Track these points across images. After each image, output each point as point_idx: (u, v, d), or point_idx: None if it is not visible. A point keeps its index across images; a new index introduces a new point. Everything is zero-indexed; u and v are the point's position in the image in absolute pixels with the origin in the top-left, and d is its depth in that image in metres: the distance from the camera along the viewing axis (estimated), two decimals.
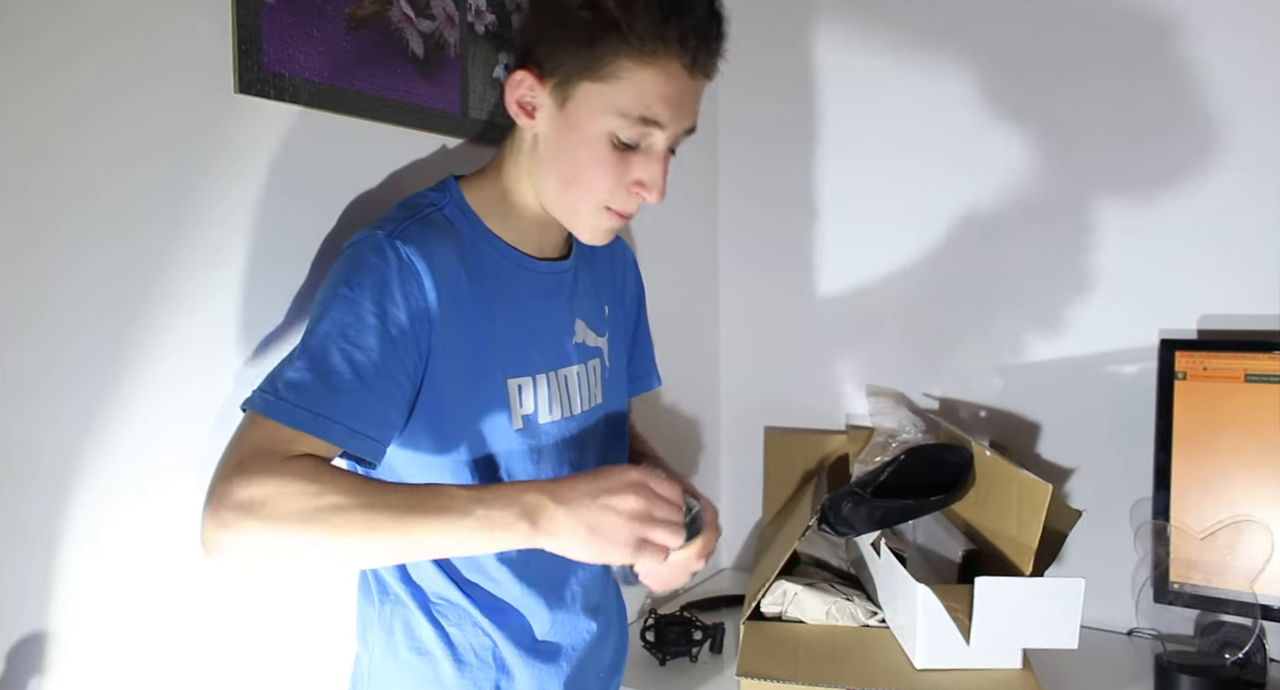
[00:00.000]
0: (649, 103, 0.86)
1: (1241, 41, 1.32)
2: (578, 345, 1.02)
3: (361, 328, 0.82)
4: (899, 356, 1.61)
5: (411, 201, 0.94)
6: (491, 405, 0.92)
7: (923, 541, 1.41)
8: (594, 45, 0.84)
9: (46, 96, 0.77)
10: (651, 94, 0.86)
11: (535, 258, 0.98)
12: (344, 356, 0.81)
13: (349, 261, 0.86)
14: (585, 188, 0.90)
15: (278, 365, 0.83)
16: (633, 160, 0.89)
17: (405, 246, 0.85)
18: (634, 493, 0.79)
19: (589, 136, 0.88)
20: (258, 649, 0.96)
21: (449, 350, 0.88)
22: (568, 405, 0.99)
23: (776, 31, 1.67)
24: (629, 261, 1.17)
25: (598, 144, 0.88)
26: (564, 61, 0.86)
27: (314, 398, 0.79)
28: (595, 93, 0.86)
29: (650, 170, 0.90)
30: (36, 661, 0.78)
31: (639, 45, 0.84)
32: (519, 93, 0.90)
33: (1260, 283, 1.33)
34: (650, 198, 0.91)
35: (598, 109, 0.86)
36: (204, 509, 0.74)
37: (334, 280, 0.85)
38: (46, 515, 0.79)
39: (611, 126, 0.87)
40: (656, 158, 0.90)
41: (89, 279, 0.81)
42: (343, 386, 0.80)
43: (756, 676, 1.12)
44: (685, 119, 0.89)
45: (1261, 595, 1.21)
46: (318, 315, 0.83)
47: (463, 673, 0.95)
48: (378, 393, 0.82)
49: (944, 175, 1.55)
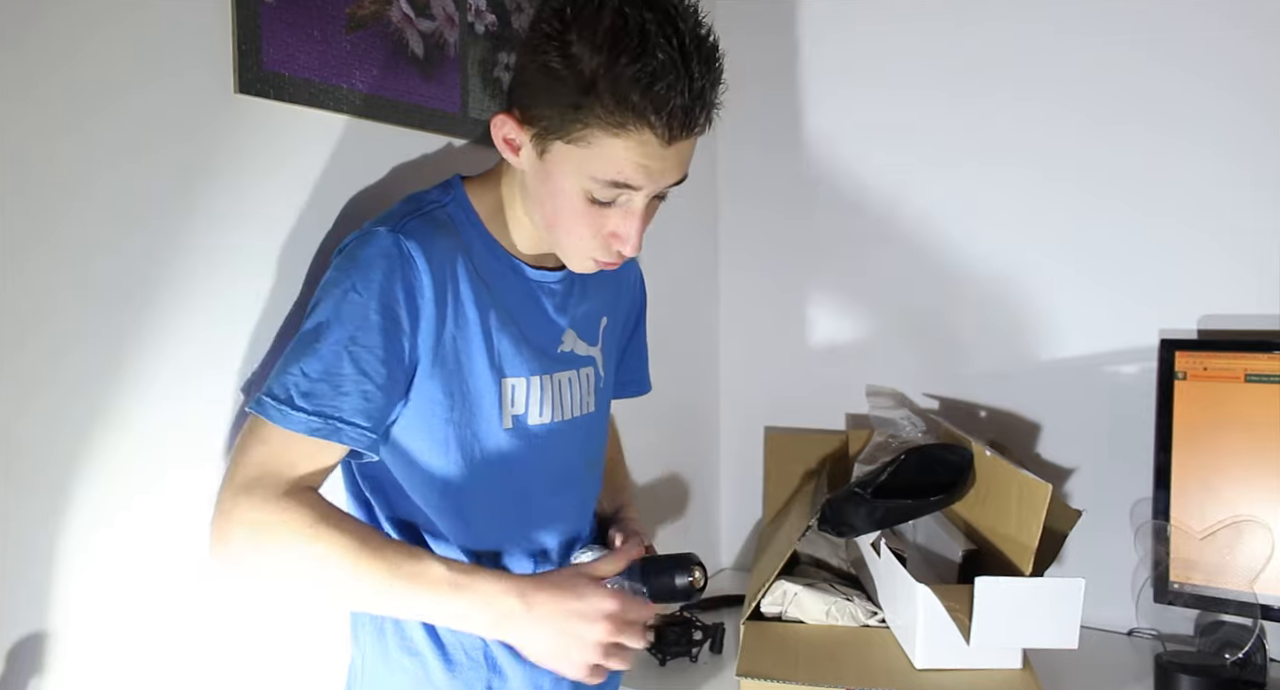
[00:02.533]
0: (620, 168, 0.83)
1: (1241, 40, 1.32)
2: (566, 354, 1.02)
3: (368, 328, 0.83)
4: (899, 356, 1.61)
5: (417, 197, 0.94)
6: (482, 403, 0.93)
7: (923, 541, 1.41)
8: (567, 107, 0.81)
9: (47, 96, 0.77)
10: (623, 161, 0.83)
11: (532, 265, 0.98)
12: (352, 359, 0.83)
13: (353, 259, 0.86)
14: (565, 233, 0.90)
15: (284, 365, 0.83)
16: (609, 214, 0.88)
17: (407, 241, 0.86)
18: (605, 623, 0.86)
19: (564, 190, 0.86)
20: (256, 649, 0.96)
21: (444, 346, 0.89)
22: (559, 409, 1.00)
23: (777, 28, 1.67)
24: (634, 275, 1.18)
25: (573, 198, 0.86)
26: (542, 116, 0.84)
27: (325, 403, 0.81)
28: (567, 153, 0.84)
29: (626, 226, 0.88)
30: (36, 661, 0.78)
31: (609, 116, 0.80)
32: (503, 132, 0.89)
33: (1260, 283, 1.33)
34: (626, 251, 0.89)
35: (570, 170, 0.85)
36: (214, 515, 0.82)
37: (339, 278, 0.85)
38: (46, 515, 0.79)
39: (585, 186, 0.85)
40: (633, 214, 0.87)
41: (89, 279, 0.81)
42: (352, 389, 0.82)
43: (756, 676, 1.11)
44: (666, 179, 0.86)
45: (1261, 595, 1.21)
46: (326, 316, 0.84)
47: (454, 673, 0.95)
48: (383, 389, 0.84)
49: (944, 175, 1.55)
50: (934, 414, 1.56)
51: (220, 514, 0.81)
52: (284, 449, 0.81)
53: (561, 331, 1.01)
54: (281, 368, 0.84)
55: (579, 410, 1.03)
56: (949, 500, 1.26)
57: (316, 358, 0.82)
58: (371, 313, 0.83)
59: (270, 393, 0.82)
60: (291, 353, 0.84)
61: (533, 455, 0.97)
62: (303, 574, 0.82)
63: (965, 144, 1.52)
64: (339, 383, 0.82)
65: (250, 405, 0.83)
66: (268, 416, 0.81)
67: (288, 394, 0.81)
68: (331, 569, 0.80)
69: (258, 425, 0.82)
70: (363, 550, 0.80)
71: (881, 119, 1.60)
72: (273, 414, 0.81)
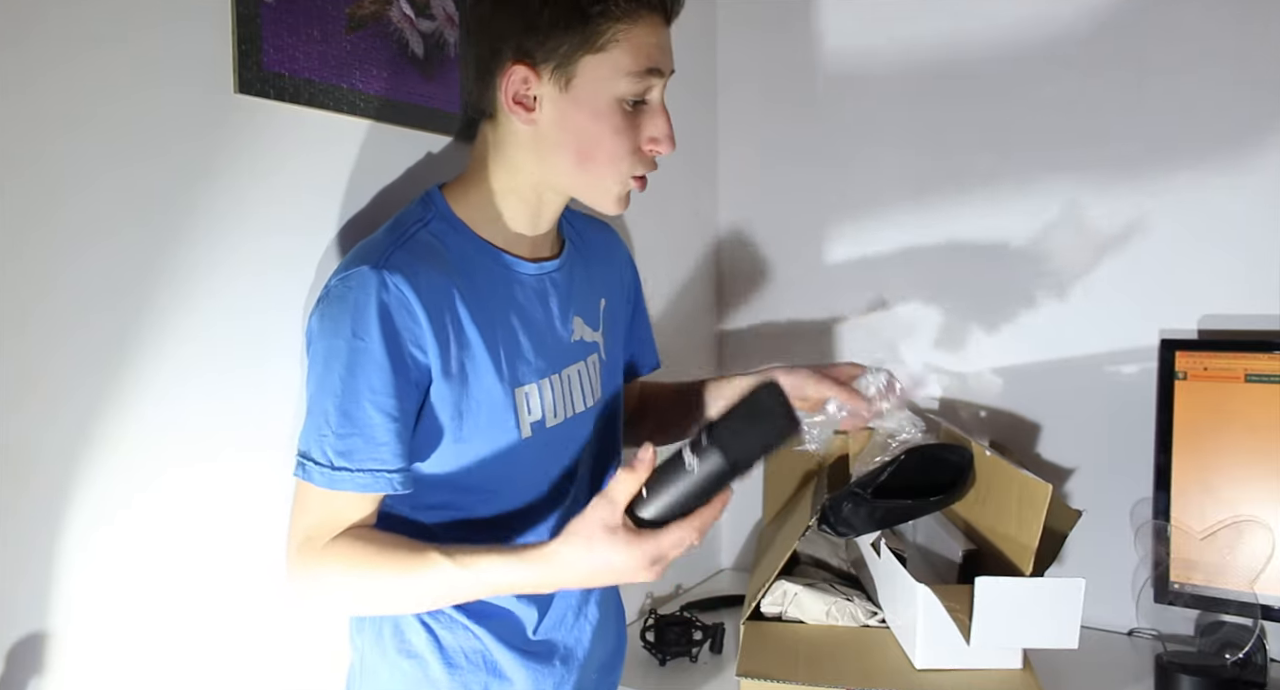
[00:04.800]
0: (649, 53, 0.90)
1: (1241, 41, 1.32)
2: (577, 343, 1.02)
3: (380, 373, 0.84)
4: (899, 356, 1.61)
5: (397, 222, 0.93)
6: (498, 418, 0.92)
7: (923, 541, 1.41)
8: (586, 21, 0.87)
9: (47, 96, 0.77)
10: (648, 46, 0.89)
11: (527, 259, 0.98)
12: (375, 406, 0.85)
13: (345, 303, 0.85)
14: (607, 160, 0.92)
15: (314, 425, 0.86)
16: (641, 121, 0.92)
17: (392, 277, 0.85)
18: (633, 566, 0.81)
19: (601, 109, 0.90)
20: (256, 649, 0.96)
21: (450, 370, 0.89)
22: (570, 406, 1.00)
23: (776, 25, 1.67)
24: (624, 253, 1.18)
25: (611, 114, 0.90)
26: (560, 44, 0.87)
27: (366, 457, 0.85)
28: (598, 63, 0.88)
29: (659, 125, 0.93)
30: (36, 661, 0.78)
31: (622, 9, 0.87)
32: (515, 89, 0.89)
33: (1260, 283, 1.33)
34: (664, 149, 0.94)
35: (605, 78, 0.89)
36: (286, 562, 0.89)
37: (337, 326, 0.85)
38: (46, 515, 0.79)
39: (620, 90, 0.89)
40: (659, 110, 0.93)
41: (89, 278, 0.81)
42: (383, 437, 0.85)
43: (756, 676, 1.11)
44: (671, 62, 0.94)
45: (1262, 595, 1.21)
46: (337, 368, 0.84)
47: (453, 675, 0.95)
48: (407, 427, 0.87)
49: (944, 175, 1.55)
50: (934, 414, 1.56)
51: (288, 565, 0.89)
52: (330, 505, 0.86)
53: (570, 320, 1.01)
54: (312, 426, 0.86)
55: (588, 401, 1.03)
56: (948, 501, 1.26)
57: (342, 414, 0.84)
58: (379, 355, 0.84)
59: (310, 457, 0.85)
60: (315, 411, 0.86)
61: (547, 455, 0.97)
62: (359, 606, 0.94)
63: (965, 144, 1.52)
64: (372, 433, 0.84)
65: (296, 472, 0.86)
66: (316, 483, 0.85)
67: (327, 458, 0.84)
68: (377, 599, 0.89)
69: (306, 487, 0.87)
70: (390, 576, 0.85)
71: (885, 118, 1.60)
72: (319, 480, 0.85)
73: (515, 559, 0.83)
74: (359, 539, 0.87)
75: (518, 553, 0.83)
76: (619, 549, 0.80)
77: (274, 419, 0.96)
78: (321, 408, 0.85)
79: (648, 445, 0.82)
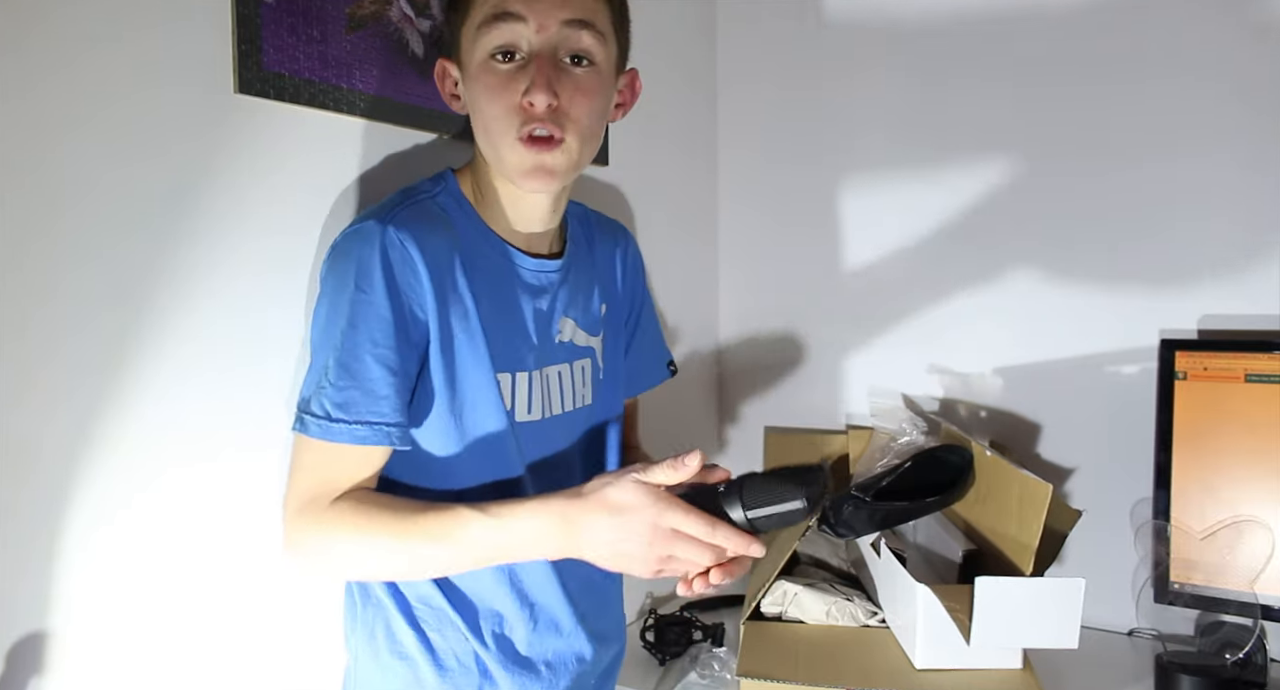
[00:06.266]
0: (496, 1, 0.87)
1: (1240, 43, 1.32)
2: (563, 344, 1.01)
3: (383, 325, 0.84)
4: (899, 356, 1.61)
5: (408, 190, 0.94)
6: (481, 395, 0.92)
7: (923, 541, 1.41)
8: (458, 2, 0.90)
9: (47, 96, 0.77)
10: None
11: (526, 253, 0.97)
12: (376, 360, 0.84)
13: (349, 256, 0.86)
14: (492, 124, 0.89)
15: (313, 377, 0.85)
16: (518, 77, 0.88)
17: (399, 232, 0.86)
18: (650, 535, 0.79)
19: (477, 75, 0.90)
20: (255, 649, 0.96)
21: (444, 338, 0.89)
22: (547, 406, 0.99)
23: (777, 22, 1.68)
24: (631, 254, 1.15)
25: (484, 74, 0.89)
26: (453, 29, 0.93)
27: (365, 410, 0.83)
28: (466, 29, 0.90)
29: (529, 76, 0.87)
30: (36, 661, 0.78)
31: None
32: (445, 84, 0.96)
33: (1260, 283, 1.33)
34: (537, 101, 0.86)
35: (472, 40, 0.89)
36: (282, 523, 0.87)
37: (341, 278, 0.85)
38: (46, 514, 0.79)
39: (482, 45, 0.88)
40: (535, 65, 0.87)
41: (89, 278, 0.81)
42: (383, 390, 0.84)
43: (756, 676, 1.11)
44: (551, 8, 0.87)
45: (1262, 595, 1.21)
46: (340, 319, 0.84)
47: (444, 678, 0.94)
48: (406, 383, 0.86)
49: (945, 175, 1.55)
50: (934, 414, 1.56)
51: (286, 529, 0.86)
52: (334, 460, 0.85)
53: (558, 320, 1.00)
54: (312, 380, 0.85)
55: (573, 404, 1.02)
56: (946, 502, 1.26)
57: (341, 366, 0.83)
58: (382, 308, 0.84)
59: (307, 410, 0.84)
60: (316, 362, 0.86)
61: (526, 451, 0.96)
62: (368, 570, 0.89)
63: (966, 144, 1.52)
64: (371, 386, 0.83)
65: (294, 426, 0.85)
66: (311, 434, 0.83)
67: (324, 409, 0.83)
68: (387, 560, 0.85)
69: (303, 442, 0.85)
70: (406, 532, 0.82)
71: (885, 117, 1.60)
72: (315, 431, 0.83)
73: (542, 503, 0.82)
74: (366, 499, 0.85)
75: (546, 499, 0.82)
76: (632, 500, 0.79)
77: (274, 419, 0.96)
78: (322, 361, 0.85)
79: (697, 452, 0.82)
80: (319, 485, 0.85)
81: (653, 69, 1.12)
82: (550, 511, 0.81)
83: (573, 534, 0.81)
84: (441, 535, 0.82)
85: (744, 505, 0.81)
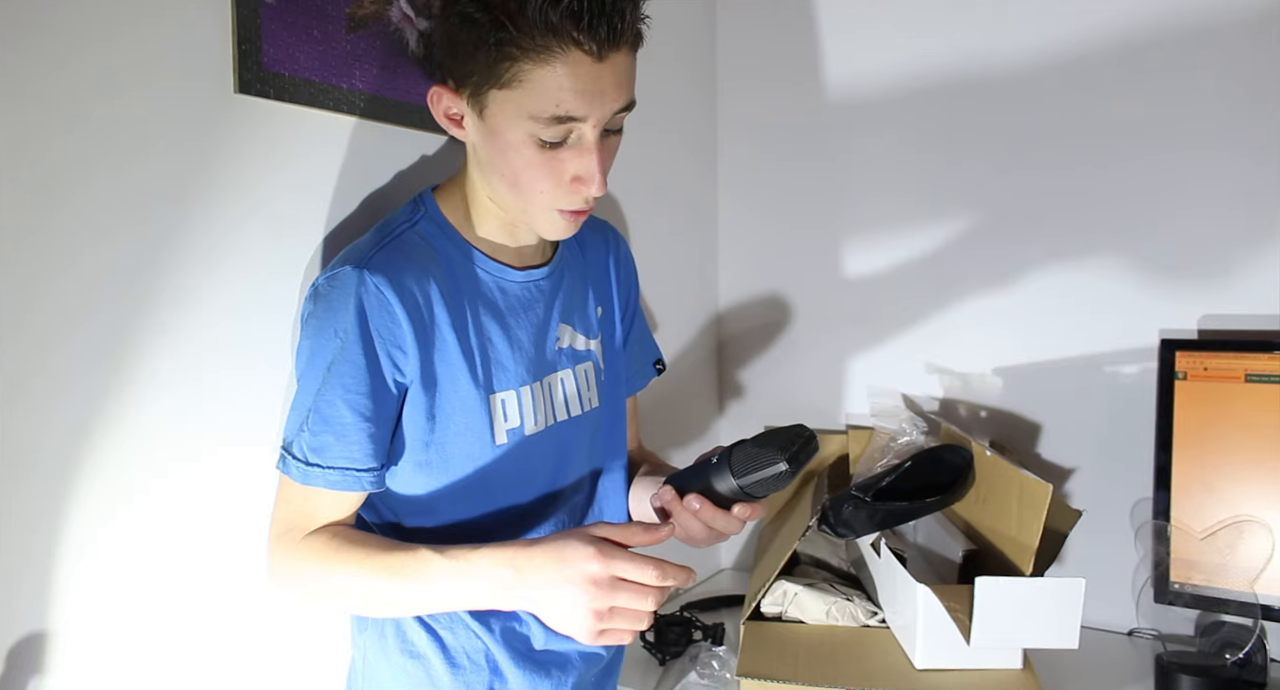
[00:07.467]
0: (558, 99, 0.80)
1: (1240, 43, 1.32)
2: (563, 350, 1.01)
3: (357, 372, 0.86)
4: (899, 356, 1.61)
5: (385, 224, 0.93)
6: (472, 422, 0.92)
7: (923, 541, 1.41)
8: (490, 51, 0.80)
9: (46, 96, 0.77)
10: (559, 91, 0.80)
11: (514, 266, 0.97)
12: (349, 407, 0.86)
13: (327, 303, 0.86)
14: (527, 190, 0.87)
15: (293, 420, 0.88)
16: (565, 157, 0.85)
17: (374, 277, 0.85)
18: (589, 586, 0.78)
19: (513, 143, 0.84)
20: (256, 648, 0.96)
21: (426, 376, 0.89)
22: (551, 413, 0.99)
23: (777, 21, 1.68)
24: (622, 254, 1.15)
25: (524, 148, 0.84)
26: (471, 71, 0.83)
27: (338, 455, 0.86)
28: (504, 99, 0.82)
29: (584, 165, 0.85)
30: (36, 661, 0.78)
31: (532, 43, 0.78)
32: (441, 107, 0.88)
33: (1260, 283, 1.33)
34: (590, 191, 0.86)
35: (512, 117, 0.83)
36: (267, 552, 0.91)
37: (320, 325, 0.86)
38: (46, 514, 0.79)
39: (530, 130, 0.83)
40: (588, 149, 0.84)
41: (88, 277, 0.81)
42: (358, 437, 0.86)
43: (756, 676, 1.12)
44: (609, 103, 0.83)
45: (1262, 595, 1.21)
46: (318, 366, 0.86)
47: (456, 675, 0.95)
48: (381, 427, 0.88)
49: (945, 175, 1.55)
50: (934, 414, 1.56)
51: (268, 554, 0.90)
52: (310, 498, 0.88)
53: (555, 327, 1.00)
54: (294, 420, 0.88)
55: (580, 408, 1.02)
56: (946, 502, 1.26)
57: (318, 413, 0.86)
58: (356, 356, 0.85)
59: (289, 451, 0.87)
60: (297, 406, 0.88)
61: (529, 461, 0.97)
62: (336, 601, 0.93)
63: (967, 145, 1.52)
64: (344, 433, 0.86)
65: (277, 464, 0.88)
66: (292, 477, 0.87)
67: (302, 453, 0.86)
68: (353, 594, 0.87)
69: (285, 480, 0.88)
70: (371, 571, 0.84)
71: (885, 116, 1.60)
72: (294, 473, 0.87)
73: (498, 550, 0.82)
74: (338, 535, 0.87)
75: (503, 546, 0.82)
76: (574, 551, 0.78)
77: (273, 417, 0.96)
78: (302, 404, 0.87)
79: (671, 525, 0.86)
80: (297, 518, 0.88)
81: (653, 68, 1.12)
82: (502, 558, 0.81)
83: (520, 583, 0.80)
84: (405, 574, 0.83)
85: (733, 473, 0.87)
